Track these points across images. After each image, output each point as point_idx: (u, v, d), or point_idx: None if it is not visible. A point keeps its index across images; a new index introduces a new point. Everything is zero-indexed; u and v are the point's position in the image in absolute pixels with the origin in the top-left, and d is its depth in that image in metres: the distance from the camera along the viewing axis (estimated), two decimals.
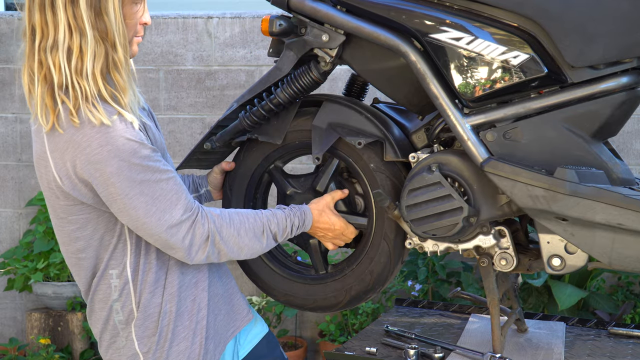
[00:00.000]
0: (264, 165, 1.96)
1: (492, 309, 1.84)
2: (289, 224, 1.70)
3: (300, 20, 1.83)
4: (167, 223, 1.51)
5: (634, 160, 3.58)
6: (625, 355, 1.95)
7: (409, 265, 3.48)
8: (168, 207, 1.51)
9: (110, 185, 1.47)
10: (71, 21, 1.47)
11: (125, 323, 1.60)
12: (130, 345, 1.60)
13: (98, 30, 1.48)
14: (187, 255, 1.56)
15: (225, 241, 1.59)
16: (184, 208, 1.53)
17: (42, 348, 3.52)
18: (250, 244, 1.63)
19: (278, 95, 1.85)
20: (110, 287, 1.59)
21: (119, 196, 1.48)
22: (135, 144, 1.48)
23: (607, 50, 1.59)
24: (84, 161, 1.46)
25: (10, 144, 3.91)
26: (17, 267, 3.67)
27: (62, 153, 1.48)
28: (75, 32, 1.47)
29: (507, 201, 1.69)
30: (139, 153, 1.48)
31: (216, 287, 1.73)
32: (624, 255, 1.58)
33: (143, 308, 1.59)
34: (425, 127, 1.87)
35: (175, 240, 1.53)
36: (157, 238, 1.53)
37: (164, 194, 1.51)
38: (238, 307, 1.78)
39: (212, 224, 1.57)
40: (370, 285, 1.87)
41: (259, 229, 1.64)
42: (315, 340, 3.77)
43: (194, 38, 3.78)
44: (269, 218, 1.67)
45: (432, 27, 1.68)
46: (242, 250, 1.63)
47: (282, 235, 1.69)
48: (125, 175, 1.47)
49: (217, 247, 1.58)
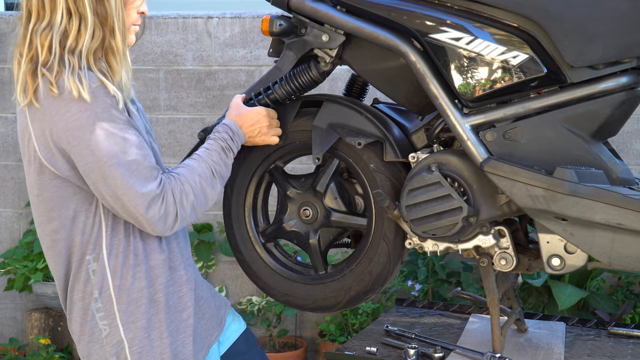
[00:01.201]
0: (264, 166, 1.96)
1: (492, 309, 1.84)
2: (222, 143, 1.69)
3: (300, 20, 1.84)
4: (144, 195, 1.49)
5: (634, 160, 3.58)
6: (625, 355, 1.95)
7: (409, 265, 3.48)
8: (144, 179, 1.50)
9: (88, 154, 1.46)
10: (71, 5, 1.48)
11: (105, 310, 1.56)
12: (115, 332, 1.56)
13: (98, 15, 1.50)
14: (164, 227, 1.54)
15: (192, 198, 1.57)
16: (158, 181, 1.52)
17: (42, 348, 3.52)
18: (209, 186, 1.62)
19: (276, 92, 1.86)
20: (87, 273, 1.56)
21: (96, 165, 1.47)
22: (115, 113, 1.48)
23: (606, 50, 1.59)
24: (62, 128, 1.46)
25: (10, 144, 3.91)
26: (17, 267, 3.67)
27: (41, 121, 1.48)
28: (75, 16, 1.48)
29: (506, 201, 1.69)
30: (118, 122, 1.48)
31: (202, 289, 1.72)
32: (623, 255, 1.58)
33: (125, 292, 1.55)
34: (425, 127, 1.87)
35: (152, 212, 1.51)
36: (133, 211, 1.50)
37: (141, 166, 1.50)
38: (220, 308, 1.77)
39: (177, 190, 1.55)
40: (370, 285, 1.87)
41: (208, 170, 1.63)
42: (315, 340, 3.77)
43: (194, 38, 3.78)
44: (208, 154, 1.66)
45: (432, 27, 1.68)
46: (208, 197, 1.62)
47: (226, 155, 1.68)
48: (103, 144, 1.46)
49: (189, 207, 1.57)
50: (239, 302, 3.73)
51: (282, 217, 1.96)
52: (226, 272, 3.84)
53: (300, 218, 1.93)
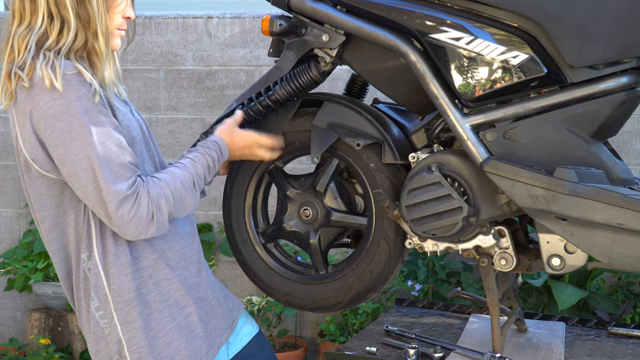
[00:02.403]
0: (264, 166, 1.96)
1: (492, 309, 1.84)
2: (209, 160, 1.67)
3: (300, 20, 1.84)
4: (116, 192, 1.46)
5: (634, 160, 3.58)
6: (625, 355, 1.95)
7: (409, 265, 3.48)
8: (116, 176, 1.47)
9: (59, 144, 1.45)
10: (52, 8, 1.49)
11: (103, 309, 1.55)
12: (115, 331, 1.55)
13: (80, 18, 1.50)
14: (137, 229, 1.50)
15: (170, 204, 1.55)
16: (131, 181, 1.49)
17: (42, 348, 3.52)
18: (189, 196, 1.60)
19: (276, 93, 1.86)
20: (84, 271, 1.55)
21: (68, 157, 1.45)
22: (89, 103, 1.46)
23: (606, 50, 1.59)
24: (38, 117, 1.46)
25: (10, 144, 3.91)
26: (17, 267, 3.67)
27: (22, 116, 1.48)
28: (57, 19, 1.49)
29: (506, 201, 1.69)
30: (91, 115, 1.46)
31: (213, 289, 1.71)
32: (623, 255, 1.58)
33: (120, 292, 1.54)
34: (425, 127, 1.87)
35: (122, 212, 1.47)
36: (104, 209, 1.47)
37: (113, 165, 1.47)
38: (232, 309, 1.77)
39: (155, 192, 1.52)
40: (371, 285, 1.87)
41: (190, 180, 1.61)
42: (315, 340, 3.77)
43: (194, 38, 3.78)
44: (192, 164, 1.64)
45: (432, 27, 1.68)
46: (185, 205, 1.59)
47: (209, 173, 1.67)
48: (75, 134, 1.45)
49: (165, 213, 1.54)
50: None
51: (282, 217, 1.96)
52: (226, 272, 3.84)
53: (300, 218, 1.93)
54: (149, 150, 1.66)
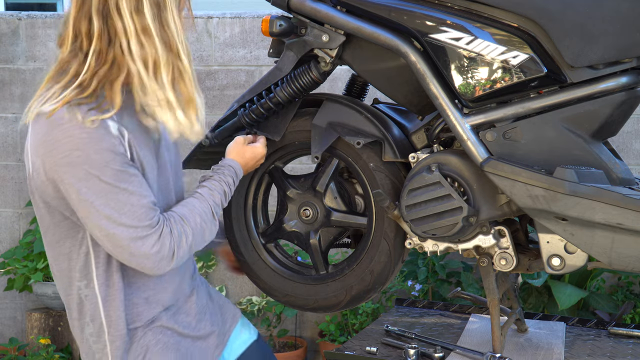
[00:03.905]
0: (264, 166, 1.96)
1: (492, 309, 1.84)
2: (225, 187, 1.67)
3: (300, 20, 1.84)
4: (133, 235, 1.44)
5: (634, 160, 3.58)
6: (625, 355, 1.95)
7: (409, 265, 3.48)
8: (141, 217, 1.44)
9: (74, 192, 1.42)
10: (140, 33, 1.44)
11: (97, 336, 1.53)
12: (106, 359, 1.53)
13: (164, 42, 1.47)
14: (156, 265, 1.48)
15: (191, 240, 1.53)
16: (156, 219, 1.47)
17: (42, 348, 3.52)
18: (208, 228, 1.59)
19: (277, 94, 1.86)
20: (80, 297, 1.53)
21: (84, 203, 1.42)
22: (109, 155, 1.41)
23: (606, 50, 1.59)
24: (52, 162, 1.41)
25: (10, 144, 3.91)
26: (17, 267, 3.67)
27: (37, 148, 1.43)
28: (150, 45, 1.45)
29: (506, 201, 1.70)
30: (110, 165, 1.41)
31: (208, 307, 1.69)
32: (623, 255, 1.58)
33: (115, 325, 1.52)
34: (425, 127, 1.87)
35: (142, 252, 1.45)
36: (121, 250, 1.46)
37: (131, 207, 1.44)
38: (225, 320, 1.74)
39: (176, 231, 1.50)
40: (371, 284, 1.88)
41: (209, 211, 1.59)
42: (315, 340, 3.77)
43: (194, 38, 3.78)
44: (210, 194, 1.62)
45: (432, 27, 1.68)
46: (205, 237, 1.58)
47: (225, 199, 1.67)
48: (92, 184, 1.41)
49: (186, 248, 1.52)
50: (239, 302, 3.73)
51: (282, 218, 1.96)
52: (226, 272, 3.84)
53: (300, 218, 1.94)
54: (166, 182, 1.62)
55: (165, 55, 1.46)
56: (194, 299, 1.67)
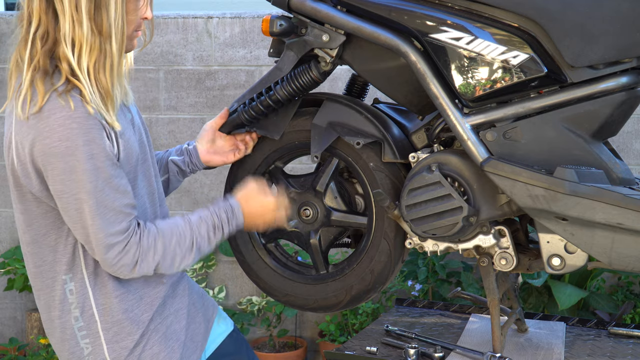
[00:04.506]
0: (263, 166, 1.96)
1: (492, 309, 1.84)
2: (216, 219, 1.62)
3: (300, 20, 1.84)
4: (103, 239, 1.46)
5: (634, 160, 3.58)
6: (625, 355, 1.95)
7: (409, 265, 3.48)
8: (108, 225, 1.45)
9: (59, 182, 1.43)
10: (73, 12, 1.44)
11: (87, 329, 1.53)
12: (99, 351, 1.53)
13: (95, 23, 1.45)
14: (116, 272, 1.50)
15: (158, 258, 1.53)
16: (123, 231, 1.48)
17: (42, 348, 3.52)
18: (181, 255, 1.57)
19: (277, 92, 1.86)
20: (64, 292, 1.53)
21: (64, 194, 1.44)
22: (97, 150, 1.43)
23: (606, 50, 1.59)
24: (40, 151, 1.42)
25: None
26: (17, 267, 3.67)
27: (23, 137, 1.44)
28: (77, 25, 1.44)
29: (507, 201, 1.70)
30: (96, 160, 1.43)
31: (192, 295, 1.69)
32: (623, 254, 1.58)
33: (109, 313, 1.53)
34: (425, 127, 1.87)
35: (105, 257, 1.47)
36: (88, 248, 1.48)
37: (107, 211, 1.45)
38: (207, 310, 1.74)
39: (145, 244, 1.51)
40: (371, 284, 1.88)
41: (189, 238, 1.58)
42: (315, 340, 3.77)
43: (194, 38, 3.78)
44: (197, 223, 1.60)
45: (432, 27, 1.68)
46: (175, 263, 1.56)
47: (214, 233, 1.62)
48: (76, 177, 1.42)
49: (150, 264, 1.52)
50: (239, 302, 3.73)
51: None
52: (226, 272, 3.84)
53: (300, 218, 1.94)
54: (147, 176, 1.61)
55: (91, 37, 1.44)
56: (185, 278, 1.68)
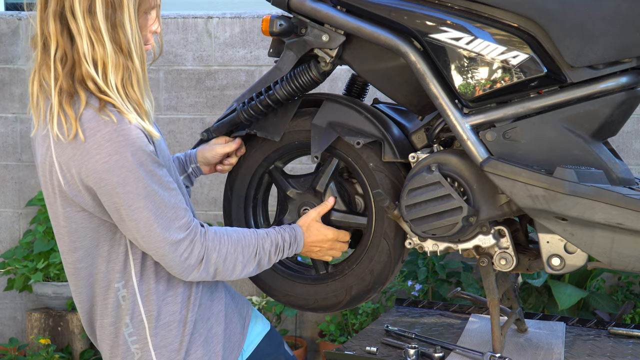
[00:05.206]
0: (264, 166, 1.96)
1: (492, 309, 1.84)
2: (280, 239, 1.70)
3: (300, 20, 1.84)
4: (168, 239, 1.51)
5: (634, 160, 3.58)
6: (625, 355, 1.95)
7: (409, 265, 3.48)
8: (170, 223, 1.51)
9: (114, 195, 1.47)
10: (91, 33, 1.46)
11: (137, 334, 1.58)
12: (147, 356, 1.58)
13: (115, 42, 1.48)
14: (182, 272, 1.56)
15: (221, 260, 1.59)
16: (186, 225, 1.53)
17: (42, 348, 3.52)
18: (241, 263, 1.63)
19: (277, 92, 1.86)
20: (117, 299, 1.58)
21: (122, 207, 1.48)
22: (144, 157, 1.47)
23: (606, 50, 1.59)
24: (91, 169, 1.46)
25: (10, 144, 3.91)
26: (17, 267, 3.67)
27: (69, 159, 1.47)
28: (97, 44, 1.47)
29: (506, 201, 1.70)
30: (146, 167, 1.48)
31: (227, 296, 1.73)
32: (623, 255, 1.58)
33: (156, 317, 1.58)
34: (425, 127, 1.87)
35: (173, 256, 1.52)
36: (155, 252, 1.53)
37: (167, 210, 1.51)
38: (242, 308, 1.78)
39: (210, 242, 1.57)
40: (371, 284, 1.88)
41: (253, 246, 1.64)
42: (315, 340, 3.77)
43: (194, 38, 3.79)
44: (263, 237, 1.67)
45: (432, 27, 1.68)
46: (236, 269, 1.62)
47: (275, 251, 1.69)
48: (130, 187, 1.46)
49: (212, 266, 1.58)
50: None
51: (282, 218, 1.96)
52: None
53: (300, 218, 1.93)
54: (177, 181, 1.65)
55: (114, 56, 1.48)
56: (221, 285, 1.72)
